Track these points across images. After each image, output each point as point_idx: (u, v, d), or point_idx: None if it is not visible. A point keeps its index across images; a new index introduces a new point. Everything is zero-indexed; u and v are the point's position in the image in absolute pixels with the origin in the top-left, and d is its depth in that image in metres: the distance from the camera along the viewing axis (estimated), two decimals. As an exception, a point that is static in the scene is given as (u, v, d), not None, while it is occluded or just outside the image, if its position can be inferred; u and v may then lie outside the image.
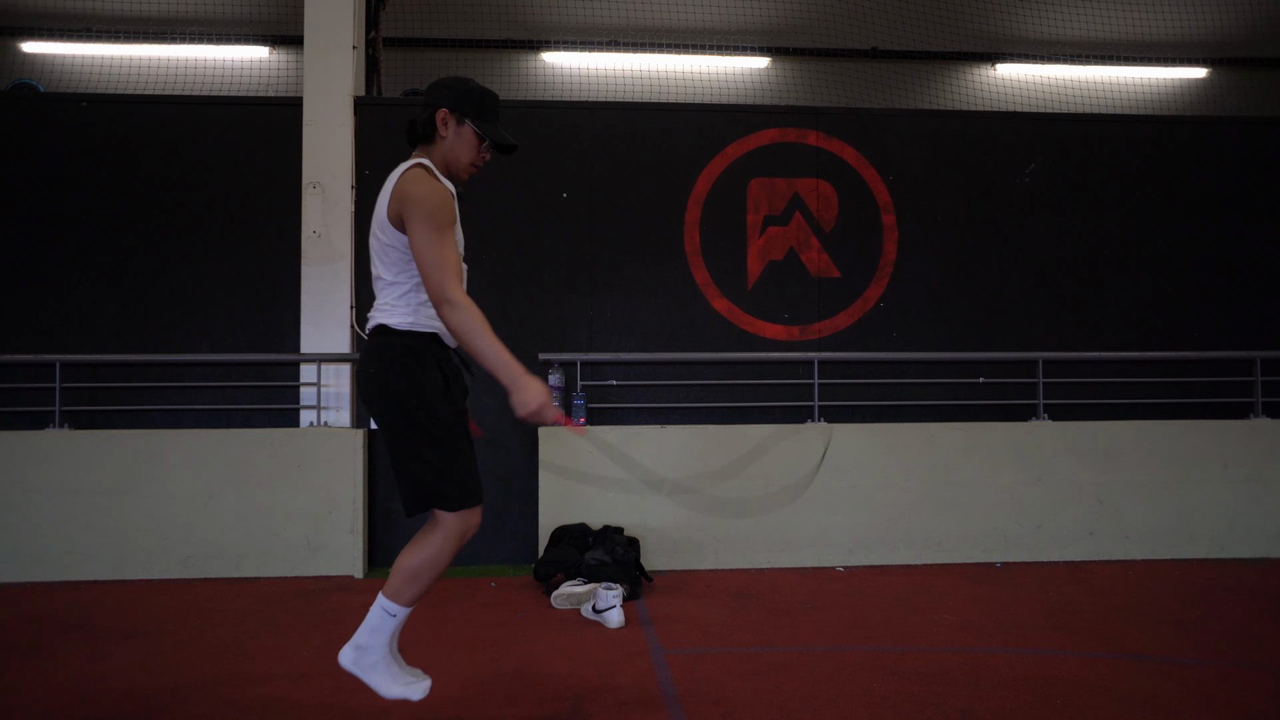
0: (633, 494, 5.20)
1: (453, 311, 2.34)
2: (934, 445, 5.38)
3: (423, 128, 2.56)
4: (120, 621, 4.06)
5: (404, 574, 2.47)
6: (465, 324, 2.34)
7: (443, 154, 2.58)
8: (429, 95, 2.58)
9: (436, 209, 2.38)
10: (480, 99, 2.58)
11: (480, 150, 2.62)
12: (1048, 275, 5.92)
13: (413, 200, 2.39)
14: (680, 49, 7.76)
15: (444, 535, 2.48)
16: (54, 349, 5.37)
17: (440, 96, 2.55)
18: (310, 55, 5.54)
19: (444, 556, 2.48)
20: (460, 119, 2.56)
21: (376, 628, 2.50)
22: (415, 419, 2.45)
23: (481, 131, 2.58)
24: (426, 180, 2.44)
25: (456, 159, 2.59)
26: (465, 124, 2.57)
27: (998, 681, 3.16)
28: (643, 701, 2.99)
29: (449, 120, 2.55)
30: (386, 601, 2.48)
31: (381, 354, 2.49)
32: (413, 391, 2.45)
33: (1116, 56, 8.11)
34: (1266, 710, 2.89)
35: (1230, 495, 5.47)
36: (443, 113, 2.54)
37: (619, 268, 5.70)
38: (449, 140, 2.57)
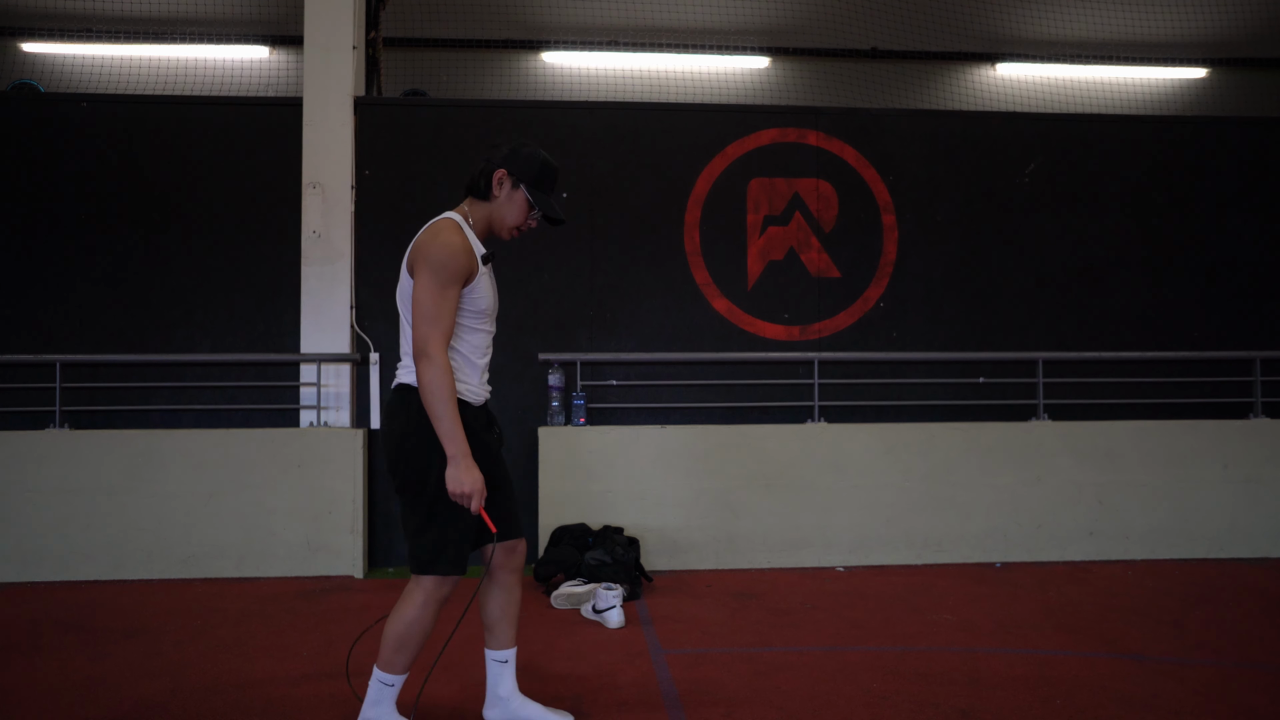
0: (633, 494, 5.20)
1: (428, 366, 2.37)
2: (934, 445, 5.38)
3: (480, 183, 2.60)
4: (120, 621, 4.06)
5: (391, 643, 2.50)
6: (433, 383, 2.36)
7: (489, 211, 2.62)
8: (493, 153, 2.62)
9: (445, 264, 2.42)
10: (541, 169, 2.62)
11: (529, 217, 2.65)
12: (1048, 275, 5.92)
13: (424, 251, 2.45)
14: (680, 49, 7.76)
15: (423, 598, 2.50)
16: (54, 349, 5.37)
17: (503, 157, 2.60)
18: (310, 55, 5.54)
19: (423, 620, 2.50)
20: (516, 183, 2.59)
21: (377, 700, 2.54)
22: (423, 481, 2.47)
23: (534, 200, 2.61)
24: (446, 233, 2.47)
25: (502, 220, 2.62)
26: (520, 189, 2.60)
27: (998, 681, 3.16)
28: (643, 701, 2.99)
29: (505, 181, 2.59)
30: (381, 674, 2.53)
31: (398, 413, 2.52)
32: (424, 454, 2.46)
33: (1116, 56, 8.11)
34: (1266, 710, 2.89)
35: (1230, 495, 5.47)
36: (500, 173, 2.58)
37: (619, 268, 5.70)
38: (500, 200, 2.60)
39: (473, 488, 2.37)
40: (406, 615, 2.50)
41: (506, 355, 5.55)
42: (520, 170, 2.59)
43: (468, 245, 2.50)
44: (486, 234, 2.65)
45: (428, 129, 5.65)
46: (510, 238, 2.68)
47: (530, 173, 2.60)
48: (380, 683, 2.53)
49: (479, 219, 2.62)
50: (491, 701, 2.75)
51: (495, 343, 2.75)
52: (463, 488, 2.37)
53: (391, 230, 5.48)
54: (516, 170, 2.59)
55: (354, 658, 3.44)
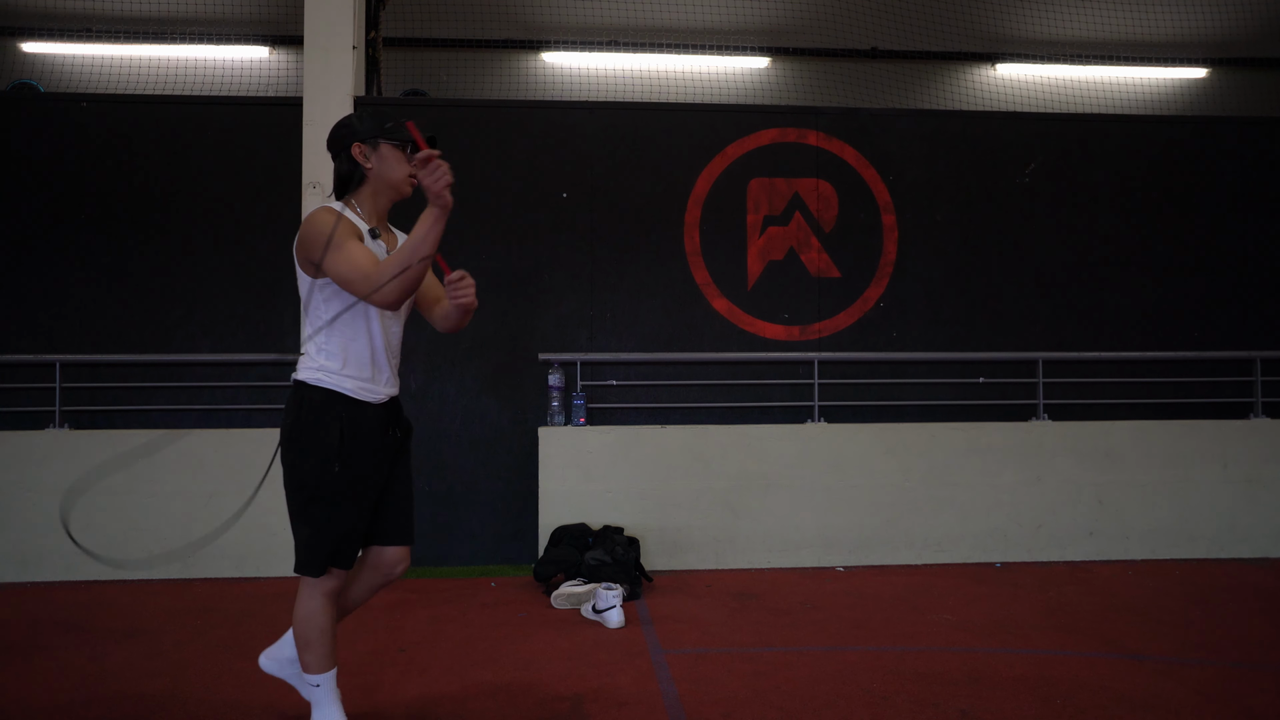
0: (633, 494, 5.20)
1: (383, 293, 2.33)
2: (934, 445, 5.38)
3: (348, 173, 2.55)
4: (120, 621, 4.06)
5: (298, 644, 2.54)
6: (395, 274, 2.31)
7: (374, 186, 2.57)
8: (333, 146, 2.57)
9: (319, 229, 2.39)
10: (375, 118, 2.57)
11: (409, 159, 2.58)
12: (1048, 275, 5.92)
13: (299, 241, 2.45)
14: (680, 49, 7.76)
15: (309, 592, 2.53)
16: (54, 349, 5.37)
17: (343, 138, 2.55)
18: (310, 55, 5.53)
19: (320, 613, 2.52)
20: (373, 143, 2.54)
21: (317, 703, 2.56)
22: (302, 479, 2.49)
23: (397, 141, 2.56)
24: (311, 216, 2.45)
25: (391, 180, 2.57)
26: (380, 144, 2.55)
27: (998, 681, 3.16)
28: (643, 701, 2.99)
29: (364, 149, 2.54)
30: (304, 675, 2.56)
31: (291, 409, 2.53)
32: (299, 449, 2.48)
33: (1116, 56, 8.11)
34: (1266, 710, 2.89)
35: (1230, 495, 5.47)
36: (356, 147, 2.54)
37: (619, 268, 5.70)
38: (375, 168, 2.55)
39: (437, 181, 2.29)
40: (299, 613, 2.52)
41: (506, 355, 5.56)
42: (365, 131, 2.54)
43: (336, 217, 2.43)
44: (387, 209, 2.62)
45: (428, 129, 5.62)
46: (411, 188, 2.61)
47: (375, 127, 2.54)
48: (310, 685, 2.54)
49: (365, 200, 2.57)
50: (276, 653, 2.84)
51: (495, 342, 2.75)
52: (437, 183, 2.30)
53: (391, 230, 5.47)
54: (362, 133, 2.54)
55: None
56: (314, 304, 2.51)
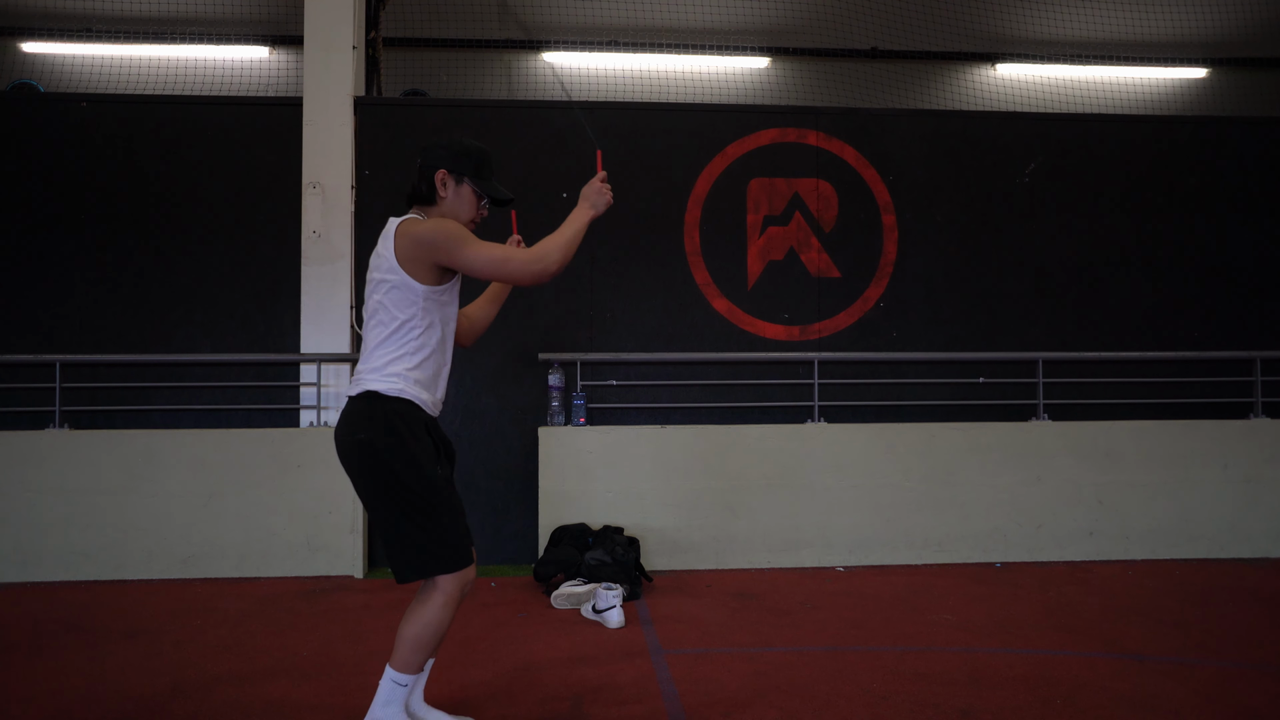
0: (633, 494, 5.20)
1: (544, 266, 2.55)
2: (934, 445, 5.38)
3: (423, 190, 2.60)
4: (120, 621, 4.06)
5: (409, 643, 2.47)
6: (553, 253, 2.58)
7: (441, 213, 2.61)
8: (426, 158, 2.60)
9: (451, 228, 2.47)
10: (477, 158, 2.61)
11: (479, 207, 2.65)
12: (1048, 275, 5.92)
13: (431, 233, 2.46)
14: (680, 49, 7.76)
15: (443, 599, 2.47)
16: (54, 349, 5.37)
17: (438, 158, 2.59)
18: (310, 55, 5.54)
19: (445, 620, 2.49)
20: (459, 179, 2.59)
21: (389, 700, 2.51)
22: (409, 484, 2.44)
23: (480, 189, 2.62)
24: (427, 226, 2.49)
25: (456, 217, 2.61)
26: (464, 183, 2.60)
27: (998, 681, 3.16)
28: (643, 701, 2.99)
29: (448, 180, 2.58)
30: (395, 674, 2.49)
31: (371, 417, 2.47)
32: (407, 456, 2.44)
33: (1116, 56, 8.11)
34: (1266, 710, 2.89)
35: (1230, 495, 5.47)
36: (441, 173, 2.57)
37: (619, 268, 5.70)
38: (449, 200, 2.60)
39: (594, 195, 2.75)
40: (424, 616, 2.46)
41: (506, 355, 5.56)
42: (459, 165, 2.58)
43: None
44: None
45: (428, 129, 5.65)
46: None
47: (470, 164, 2.59)
48: (394, 682, 2.49)
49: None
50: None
51: (495, 342, 2.77)
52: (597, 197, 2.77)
53: (391, 230, 5.47)
54: (455, 166, 2.58)
55: (356, 659, 3.45)
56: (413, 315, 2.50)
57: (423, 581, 2.53)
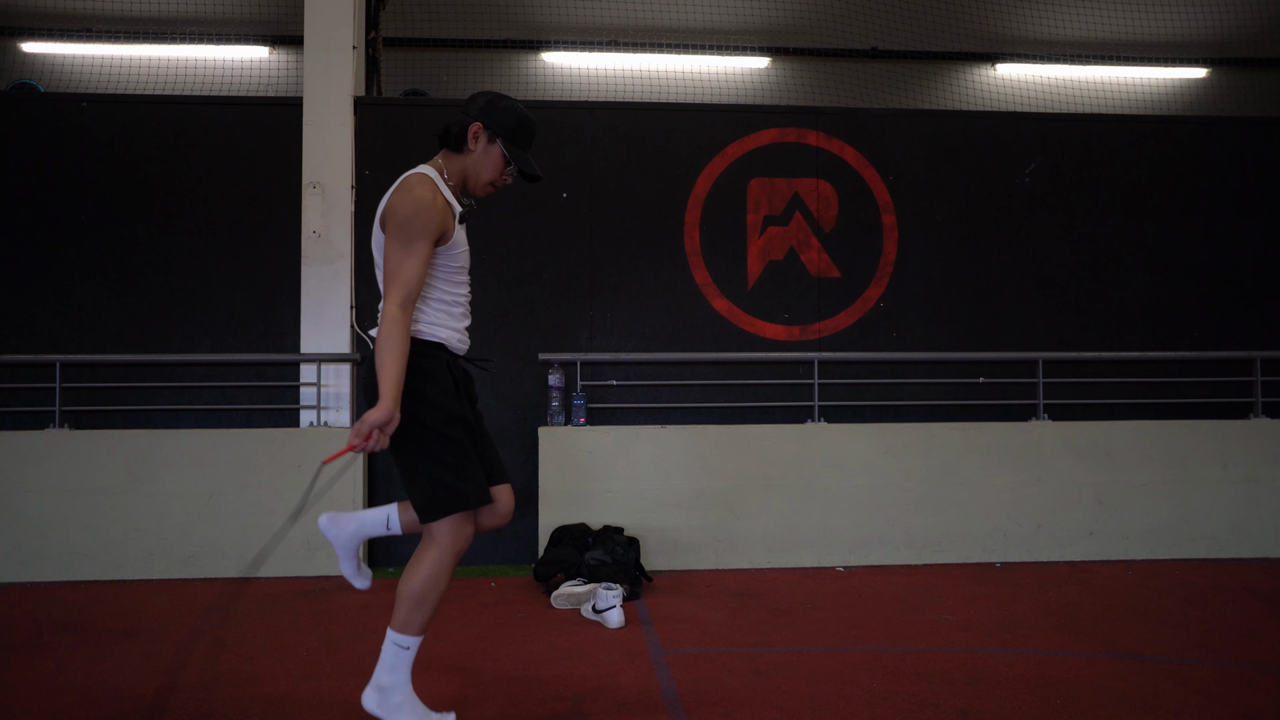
0: (633, 494, 5.20)
1: (386, 321, 2.33)
2: (934, 445, 5.38)
3: (454, 135, 2.53)
4: (120, 621, 4.06)
5: (409, 601, 2.44)
6: (387, 337, 2.31)
7: (464, 166, 2.55)
8: (468, 105, 2.55)
9: (409, 219, 2.35)
10: (518, 122, 2.55)
11: (504, 172, 2.59)
12: (1048, 275, 5.92)
13: (393, 208, 2.39)
14: (680, 49, 7.76)
15: (438, 552, 2.45)
16: (54, 349, 5.37)
17: (479, 110, 2.53)
18: (310, 55, 5.54)
19: (443, 574, 2.45)
20: (492, 137, 2.53)
21: (393, 665, 2.47)
22: (426, 422, 2.42)
23: (510, 155, 2.55)
24: (416, 188, 2.40)
25: (478, 175, 2.56)
26: (496, 143, 2.54)
27: (998, 681, 3.16)
28: (643, 701, 2.99)
29: (480, 135, 2.52)
30: (397, 635, 2.46)
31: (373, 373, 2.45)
32: (422, 395, 2.42)
33: (1116, 56, 8.11)
34: (1266, 710, 2.89)
35: (1230, 495, 5.47)
36: (476, 126, 2.51)
37: (619, 268, 5.70)
38: (476, 155, 2.54)
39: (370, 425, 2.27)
40: (427, 570, 2.43)
41: (506, 355, 5.56)
42: (497, 124, 2.52)
43: (441, 201, 2.43)
44: (462, 188, 2.59)
45: (428, 129, 5.64)
46: (485, 194, 2.62)
47: (507, 126, 2.53)
48: (396, 645, 2.46)
49: (454, 172, 2.54)
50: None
51: (495, 342, 2.76)
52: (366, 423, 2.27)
53: (391, 230, 5.47)
54: (493, 124, 2.51)
55: (352, 662, 3.45)
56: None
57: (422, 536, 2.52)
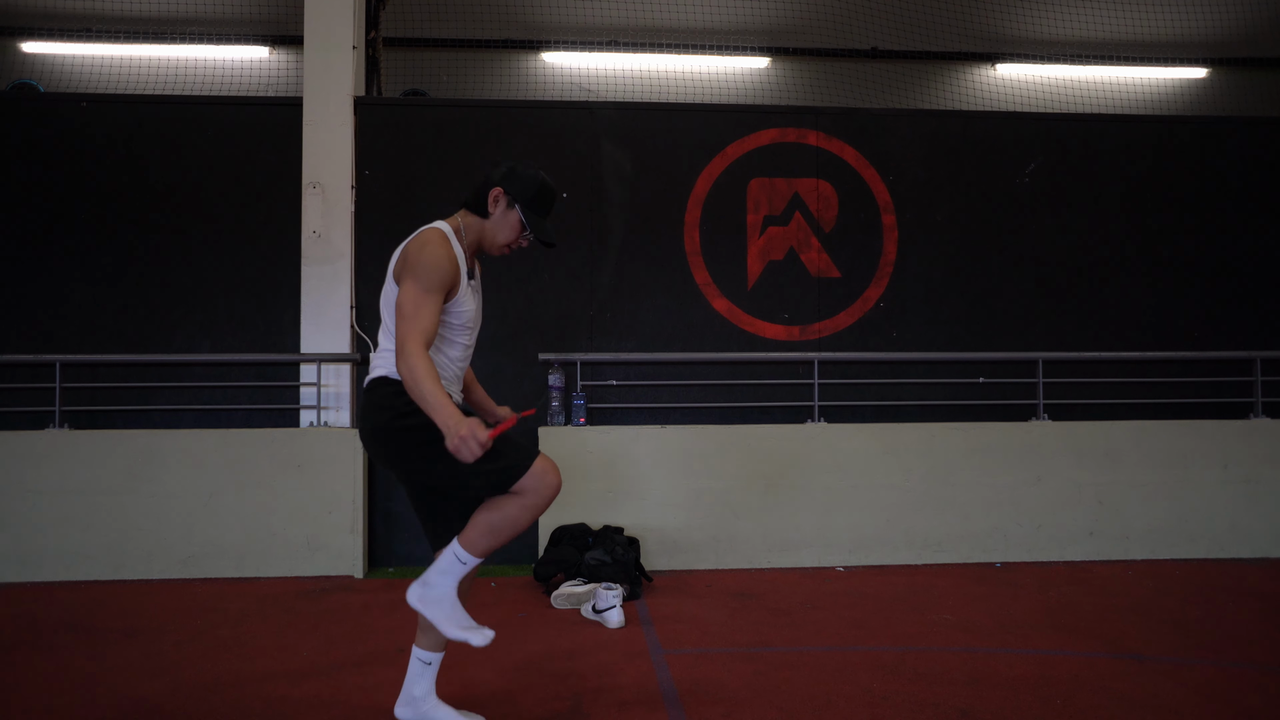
0: (633, 494, 5.20)
1: (403, 359, 2.37)
2: (934, 445, 5.38)
3: (475, 201, 2.65)
4: (120, 621, 4.06)
5: (481, 526, 2.49)
6: (415, 371, 2.35)
7: (483, 227, 2.65)
8: (493, 171, 2.66)
9: (429, 272, 2.45)
10: (538, 191, 2.64)
11: (520, 236, 2.68)
12: (1048, 275, 5.92)
13: (410, 260, 2.48)
14: (680, 49, 7.76)
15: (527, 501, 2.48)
16: (54, 349, 5.37)
17: (501, 176, 2.64)
18: (310, 55, 5.54)
19: (520, 519, 2.49)
20: (511, 203, 2.63)
21: (446, 570, 2.52)
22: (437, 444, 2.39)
23: (526, 221, 2.64)
24: (432, 245, 2.49)
25: (494, 238, 2.66)
26: (514, 209, 2.63)
27: (998, 681, 3.16)
28: (643, 701, 2.99)
29: (500, 200, 2.62)
30: (459, 549, 2.50)
31: (383, 404, 2.52)
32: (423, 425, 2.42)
33: (1116, 56, 8.11)
34: (1266, 710, 2.89)
35: (1230, 495, 5.47)
36: (496, 191, 2.61)
37: (619, 268, 5.70)
38: (495, 218, 2.64)
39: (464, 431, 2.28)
40: (504, 508, 2.47)
41: (506, 355, 5.56)
42: (517, 191, 2.62)
43: (453, 257, 2.53)
44: (476, 248, 2.69)
45: (428, 129, 5.65)
46: (500, 254, 2.72)
47: (527, 194, 2.63)
48: (455, 556, 2.51)
49: (471, 232, 2.65)
50: (404, 699, 2.75)
51: (495, 342, 2.75)
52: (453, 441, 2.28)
53: (391, 230, 5.48)
54: (513, 190, 2.62)
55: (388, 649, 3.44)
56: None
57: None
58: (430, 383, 2.34)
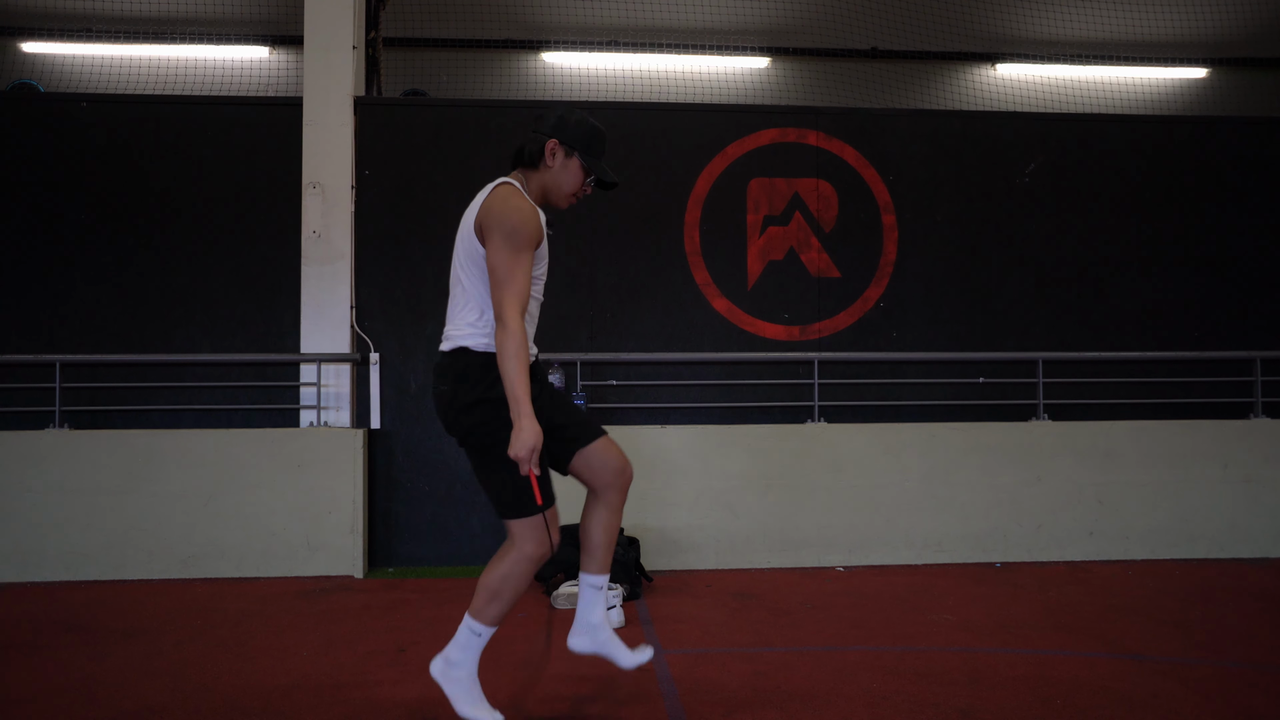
0: (632, 494, 5.19)
1: (505, 332, 2.37)
2: (934, 445, 5.38)
3: (531, 154, 2.61)
4: (120, 621, 4.06)
5: (484, 593, 2.54)
6: (506, 346, 2.36)
7: (544, 181, 2.63)
8: (541, 125, 2.63)
9: (518, 228, 2.41)
10: (591, 135, 2.63)
11: (584, 183, 2.67)
12: (1048, 275, 5.92)
13: (498, 216, 2.43)
14: (680, 49, 7.76)
15: (518, 554, 2.53)
16: (54, 349, 5.37)
17: (552, 126, 2.61)
18: (310, 55, 5.54)
19: (517, 575, 2.53)
20: (570, 151, 2.61)
21: (465, 645, 2.57)
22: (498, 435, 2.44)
23: (588, 166, 2.63)
24: (515, 198, 2.47)
25: (559, 188, 2.64)
26: (574, 157, 2.61)
27: (998, 681, 3.16)
28: (643, 701, 2.99)
29: (558, 151, 2.60)
30: (471, 621, 2.55)
31: (463, 373, 2.51)
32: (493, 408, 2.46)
33: (1116, 56, 8.11)
34: (1266, 710, 2.89)
35: (1230, 495, 5.47)
36: (552, 143, 2.59)
37: (619, 268, 5.70)
38: (555, 170, 2.62)
39: (528, 449, 2.34)
40: (500, 569, 2.52)
41: (506, 355, 5.55)
42: (572, 138, 2.60)
43: (537, 211, 2.50)
44: (541, 202, 2.65)
45: (428, 129, 5.65)
46: (567, 205, 2.70)
47: (582, 139, 2.61)
48: (469, 630, 2.55)
49: (533, 188, 2.62)
50: (581, 628, 2.72)
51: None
52: (518, 452, 2.34)
53: (391, 230, 5.48)
54: (569, 139, 2.60)
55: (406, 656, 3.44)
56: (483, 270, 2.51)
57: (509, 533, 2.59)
58: (520, 367, 2.35)
